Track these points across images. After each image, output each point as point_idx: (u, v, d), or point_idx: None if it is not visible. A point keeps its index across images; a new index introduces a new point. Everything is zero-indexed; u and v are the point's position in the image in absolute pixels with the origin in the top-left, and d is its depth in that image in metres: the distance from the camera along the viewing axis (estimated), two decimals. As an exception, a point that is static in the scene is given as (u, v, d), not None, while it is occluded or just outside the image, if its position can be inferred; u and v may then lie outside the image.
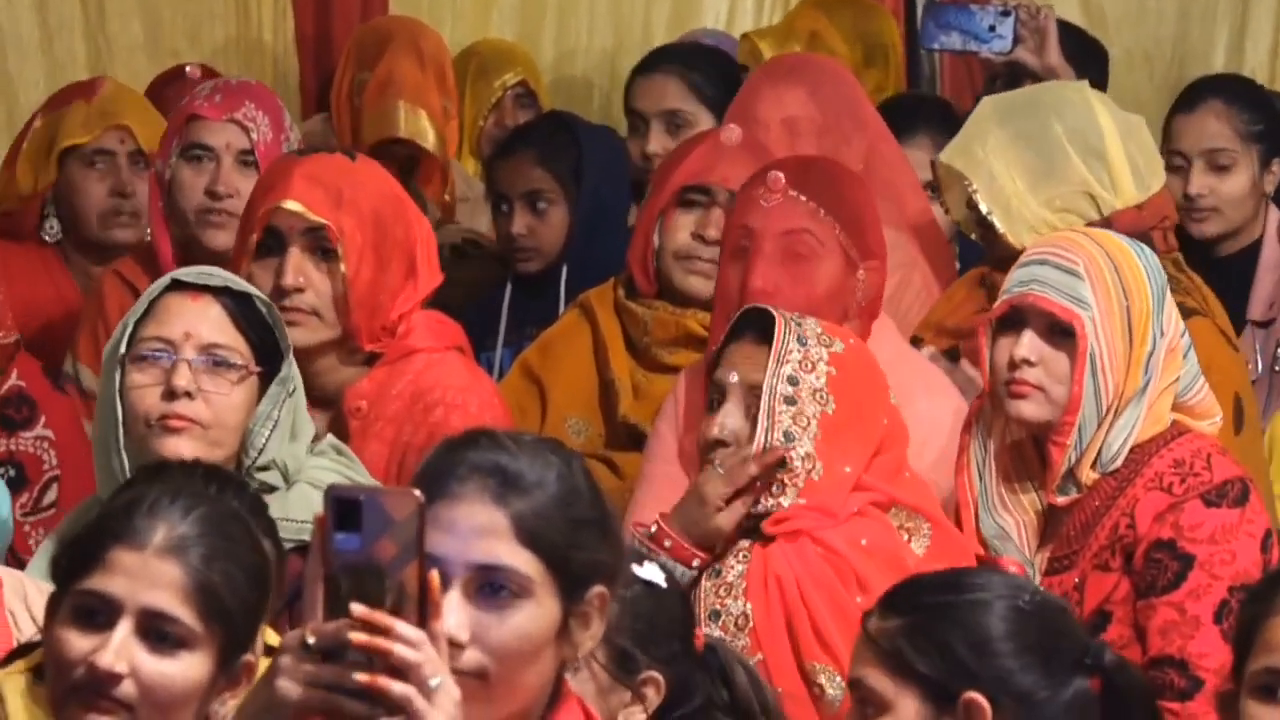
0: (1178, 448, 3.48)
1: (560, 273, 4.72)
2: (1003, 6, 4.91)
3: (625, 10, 6.55)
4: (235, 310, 3.32)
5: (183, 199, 4.26)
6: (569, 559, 2.31)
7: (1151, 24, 6.55)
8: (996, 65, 5.01)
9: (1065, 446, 3.45)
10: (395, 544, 2.09)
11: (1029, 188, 4.02)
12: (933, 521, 3.45)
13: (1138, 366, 3.48)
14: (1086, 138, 4.06)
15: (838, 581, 3.33)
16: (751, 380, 3.40)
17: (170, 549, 2.50)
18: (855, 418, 3.43)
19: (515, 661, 2.29)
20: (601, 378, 4.17)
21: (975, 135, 4.08)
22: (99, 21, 6.03)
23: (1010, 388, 3.47)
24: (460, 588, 2.27)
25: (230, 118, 4.27)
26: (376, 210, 3.70)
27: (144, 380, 3.29)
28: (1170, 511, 3.43)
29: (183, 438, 3.26)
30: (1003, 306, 3.50)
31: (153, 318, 3.31)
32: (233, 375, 3.29)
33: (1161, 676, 3.39)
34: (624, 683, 2.88)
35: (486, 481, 2.29)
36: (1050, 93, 4.24)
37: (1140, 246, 3.58)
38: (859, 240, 3.76)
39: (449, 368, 3.74)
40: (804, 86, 4.39)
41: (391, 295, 3.72)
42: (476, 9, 6.45)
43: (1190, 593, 3.38)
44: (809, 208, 3.74)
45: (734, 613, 3.32)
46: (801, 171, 3.79)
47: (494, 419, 3.67)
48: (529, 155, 4.77)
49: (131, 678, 2.48)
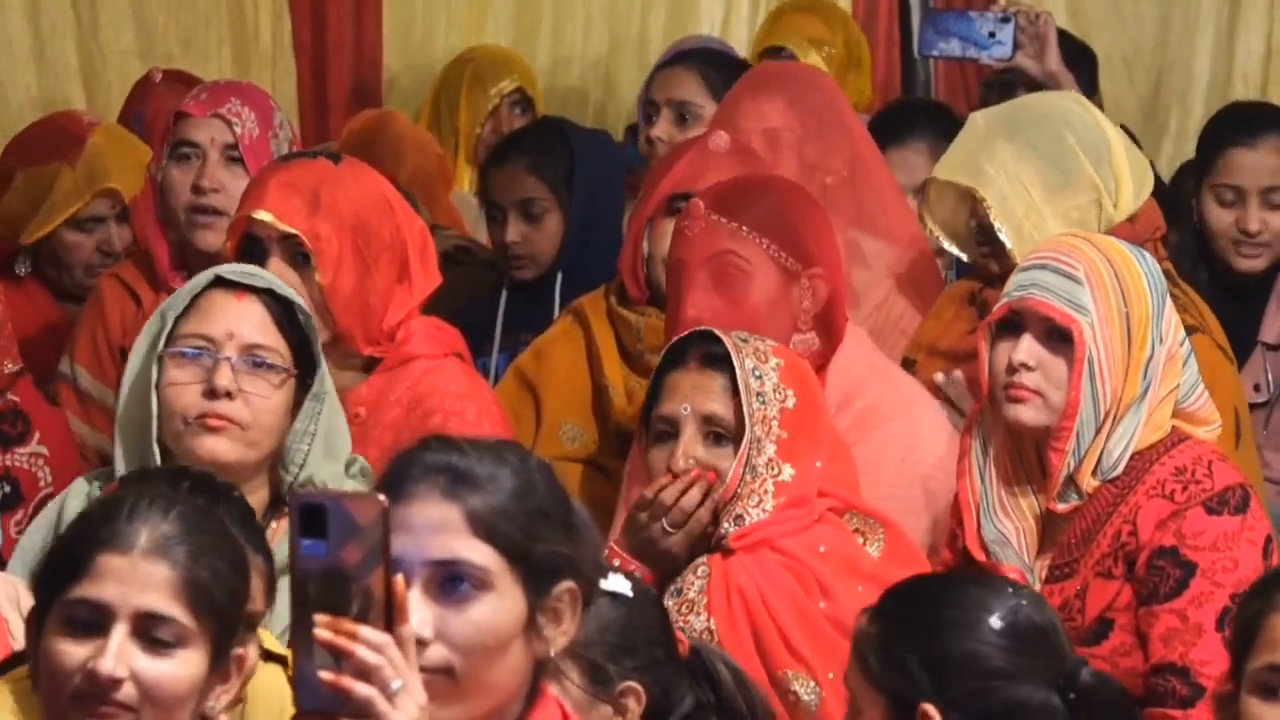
0: (1179, 455, 3.47)
1: (555, 279, 4.70)
2: (1002, 13, 4.90)
3: (621, 16, 6.55)
4: (277, 312, 3.31)
5: (172, 198, 4.25)
6: (529, 551, 2.33)
7: (1131, 29, 6.55)
8: (992, 71, 4.99)
9: (1064, 452, 3.43)
10: (361, 549, 2.11)
11: (1044, 199, 3.99)
12: (886, 525, 3.44)
13: (1136, 372, 3.47)
14: (1097, 148, 4.03)
15: (799, 588, 3.33)
16: (706, 410, 3.39)
17: (156, 550, 2.50)
18: (814, 408, 3.43)
19: (481, 656, 2.30)
20: (595, 383, 4.17)
21: (978, 150, 4.04)
22: (91, 27, 6.01)
23: (1008, 392, 3.45)
24: (420, 586, 2.28)
25: (214, 113, 4.26)
26: (359, 213, 3.69)
27: (183, 377, 3.28)
28: (1172, 519, 3.42)
29: (220, 437, 3.26)
30: (1002, 310, 3.49)
31: (194, 314, 3.30)
32: (274, 377, 3.29)
33: (1164, 684, 3.38)
34: (601, 697, 2.87)
35: (437, 479, 2.32)
36: (1050, 103, 4.20)
37: (1141, 252, 3.57)
38: (796, 250, 3.74)
39: (447, 374, 3.74)
40: (783, 97, 4.38)
41: (382, 297, 3.71)
42: (471, 15, 6.44)
43: (1192, 600, 3.37)
44: (730, 229, 3.74)
45: (697, 629, 3.32)
46: (724, 194, 3.79)
47: (492, 425, 3.67)
48: (522, 163, 4.77)
49: (131, 681, 2.48)
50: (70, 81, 5.93)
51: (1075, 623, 3.44)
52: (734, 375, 3.39)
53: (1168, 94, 6.61)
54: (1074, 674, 2.68)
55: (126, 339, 4.24)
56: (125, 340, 4.24)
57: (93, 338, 4.32)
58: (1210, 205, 4.66)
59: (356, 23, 6.26)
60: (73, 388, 4.30)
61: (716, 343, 3.43)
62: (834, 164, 4.32)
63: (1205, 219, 4.66)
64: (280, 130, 4.34)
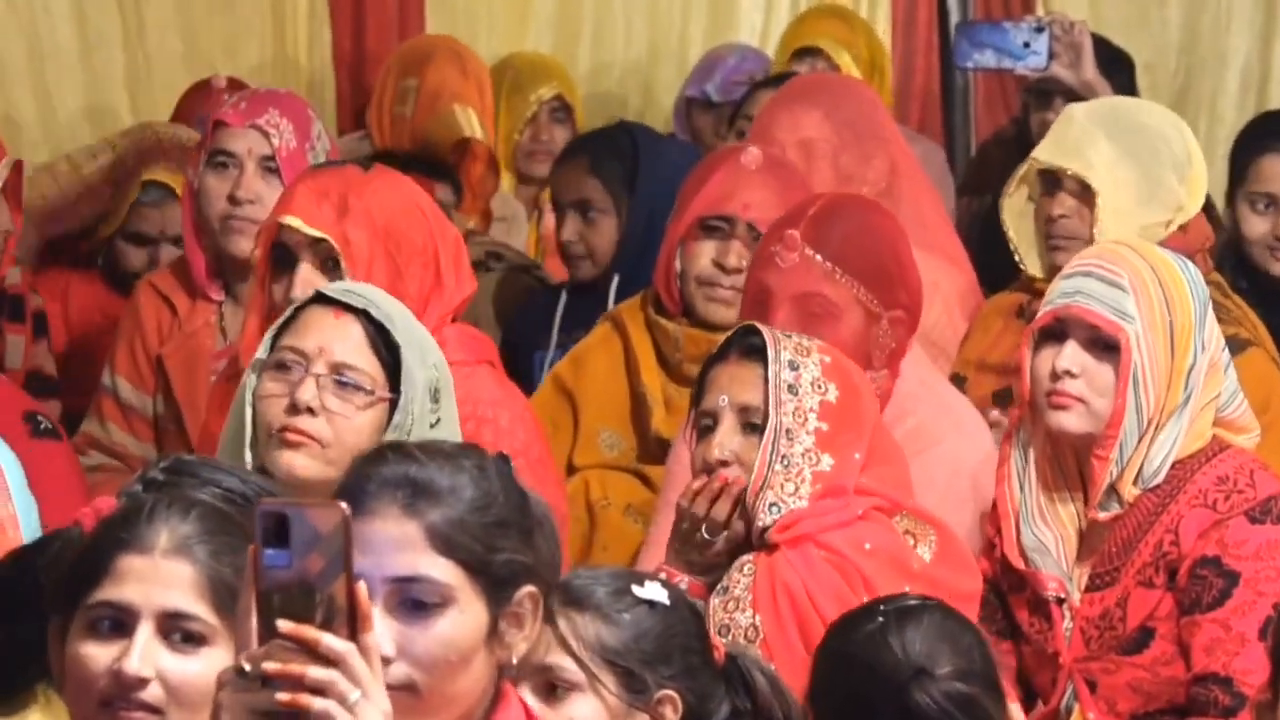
0: (1220, 464, 3.46)
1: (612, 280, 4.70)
2: (1036, 22, 4.89)
3: (661, 23, 6.55)
4: (375, 334, 3.27)
5: (208, 206, 4.26)
6: (489, 563, 2.33)
7: (1155, 34, 6.53)
8: (1030, 80, 4.98)
9: (1108, 460, 3.42)
10: (323, 558, 2.10)
11: (1132, 207, 3.98)
12: (938, 528, 3.43)
13: (1179, 380, 3.46)
14: (1182, 168, 4.04)
15: (844, 584, 3.32)
16: (742, 401, 3.39)
17: (177, 549, 2.49)
18: (858, 404, 3.42)
19: (444, 670, 2.31)
20: (633, 391, 4.16)
21: (1085, 141, 4.03)
22: (138, 35, 6.03)
23: (1051, 399, 3.45)
24: (382, 602, 2.29)
25: (252, 123, 4.26)
26: (390, 219, 3.68)
27: (275, 389, 3.27)
28: (1215, 528, 3.41)
29: (299, 453, 3.23)
30: (1046, 317, 3.48)
31: (293, 328, 3.28)
32: (359, 399, 3.25)
33: (1206, 693, 3.37)
34: (638, 706, 2.87)
35: (396, 494, 2.32)
36: (1149, 114, 4.16)
37: (1183, 260, 3.56)
38: (882, 293, 3.73)
39: (480, 382, 3.72)
40: (820, 108, 4.36)
41: (415, 303, 3.69)
42: (513, 21, 6.45)
43: (1235, 609, 3.36)
44: (824, 269, 3.71)
45: (742, 625, 3.31)
46: (823, 225, 3.74)
47: (525, 433, 3.65)
48: (582, 163, 4.76)
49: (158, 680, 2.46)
50: (116, 88, 5.95)
51: (1116, 632, 3.44)
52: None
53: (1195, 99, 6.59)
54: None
55: (164, 348, 4.26)
56: (162, 349, 4.26)
57: (131, 348, 4.32)
58: (1245, 213, 4.65)
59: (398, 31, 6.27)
60: (115, 400, 4.30)
61: (757, 335, 3.42)
62: (870, 175, 4.30)
63: (1241, 226, 4.65)
64: (318, 141, 4.34)
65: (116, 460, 4.26)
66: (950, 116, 5.88)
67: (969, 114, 5.86)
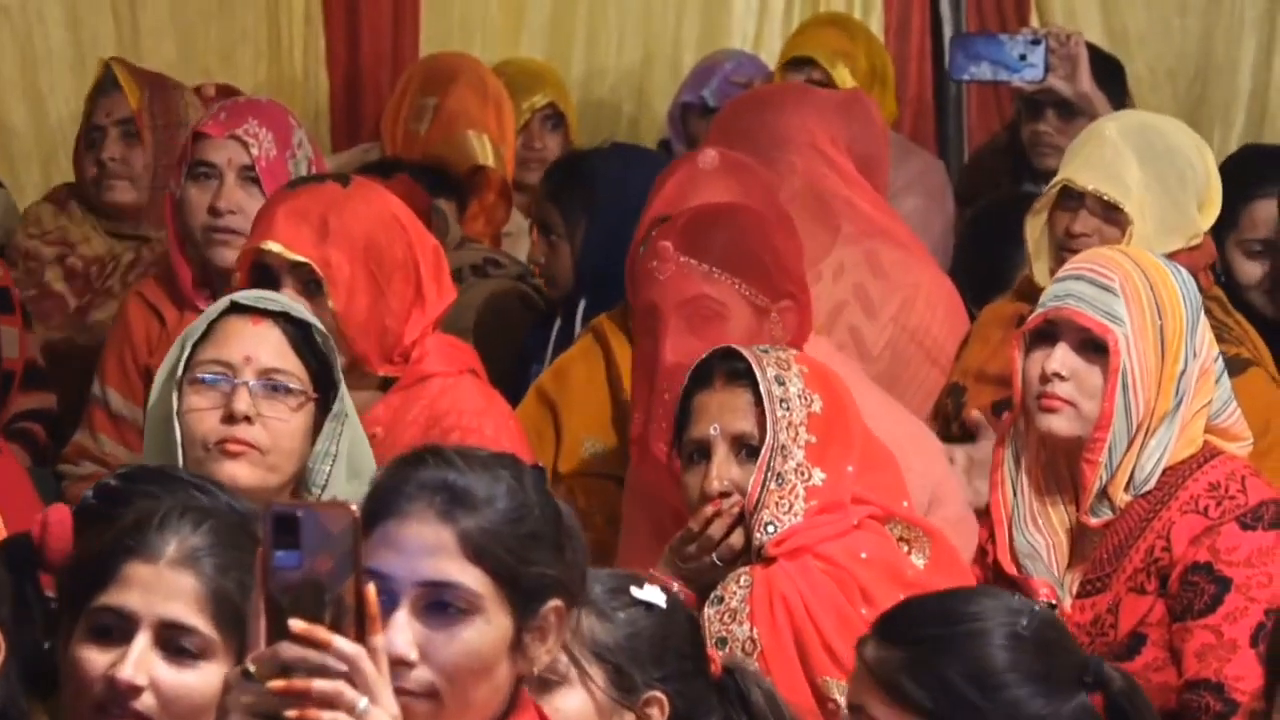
0: (1212, 470, 3.46)
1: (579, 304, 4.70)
2: (1032, 35, 4.88)
3: (655, 29, 6.56)
4: (294, 336, 3.32)
5: (190, 217, 4.26)
6: (519, 575, 2.33)
7: (1175, 41, 6.53)
8: (1026, 93, 4.97)
9: (1097, 464, 3.43)
10: (332, 558, 2.10)
11: (1155, 234, 3.97)
12: (932, 535, 3.44)
13: (1169, 385, 3.46)
14: (1203, 193, 4.04)
15: (841, 595, 3.32)
16: (735, 430, 3.38)
17: (184, 560, 2.49)
18: (842, 412, 3.42)
19: (466, 678, 2.30)
20: (615, 399, 4.16)
21: (1119, 165, 4.00)
22: (132, 40, 6.03)
23: (1041, 401, 3.45)
24: (409, 606, 2.28)
25: (231, 134, 4.26)
26: (369, 235, 3.70)
27: (202, 404, 3.29)
28: (1206, 535, 3.41)
29: (240, 462, 3.27)
30: (1037, 319, 3.49)
31: (212, 340, 3.32)
32: (291, 401, 3.30)
33: (1197, 700, 3.37)
34: (625, 704, 2.87)
35: (433, 499, 2.31)
36: (1179, 136, 4.12)
37: (1176, 267, 3.56)
38: (765, 285, 3.72)
39: (464, 392, 3.74)
40: (730, 194, 4.33)
41: (397, 318, 3.71)
42: (507, 28, 6.46)
43: (1227, 616, 3.36)
44: (702, 271, 3.71)
45: (740, 638, 3.31)
46: (691, 232, 3.75)
47: (510, 442, 3.65)
48: (544, 188, 4.80)
49: (151, 689, 2.47)
50: (110, 92, 5.96)
51: (1108, 638, 3.44)
52: (759, 388, 3.39)
53: (1211, 107, 6.59)
54: (1099, 670, 2.67)
55: (152, 358, 4.24)
56: (151, 360, 4.24)
57: (120, 359, 4.32)
58: (1238, 258, 4.60)
59: (393, 37, 6.27)
60: (105, 410, 4.30)
61: (739, 359, 3.43)
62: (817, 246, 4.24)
63: (1235, 272, 4.60)
64: (299, 149, 4.33)
65: (108, 470, 4.26)
66: (944, 124, 5.88)
67: (962, 122, 5.86)
